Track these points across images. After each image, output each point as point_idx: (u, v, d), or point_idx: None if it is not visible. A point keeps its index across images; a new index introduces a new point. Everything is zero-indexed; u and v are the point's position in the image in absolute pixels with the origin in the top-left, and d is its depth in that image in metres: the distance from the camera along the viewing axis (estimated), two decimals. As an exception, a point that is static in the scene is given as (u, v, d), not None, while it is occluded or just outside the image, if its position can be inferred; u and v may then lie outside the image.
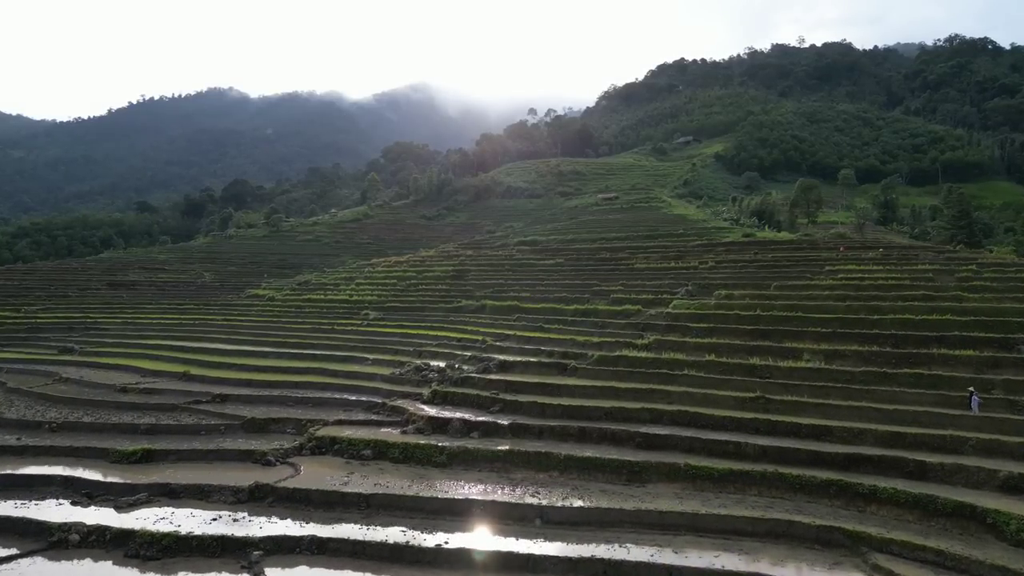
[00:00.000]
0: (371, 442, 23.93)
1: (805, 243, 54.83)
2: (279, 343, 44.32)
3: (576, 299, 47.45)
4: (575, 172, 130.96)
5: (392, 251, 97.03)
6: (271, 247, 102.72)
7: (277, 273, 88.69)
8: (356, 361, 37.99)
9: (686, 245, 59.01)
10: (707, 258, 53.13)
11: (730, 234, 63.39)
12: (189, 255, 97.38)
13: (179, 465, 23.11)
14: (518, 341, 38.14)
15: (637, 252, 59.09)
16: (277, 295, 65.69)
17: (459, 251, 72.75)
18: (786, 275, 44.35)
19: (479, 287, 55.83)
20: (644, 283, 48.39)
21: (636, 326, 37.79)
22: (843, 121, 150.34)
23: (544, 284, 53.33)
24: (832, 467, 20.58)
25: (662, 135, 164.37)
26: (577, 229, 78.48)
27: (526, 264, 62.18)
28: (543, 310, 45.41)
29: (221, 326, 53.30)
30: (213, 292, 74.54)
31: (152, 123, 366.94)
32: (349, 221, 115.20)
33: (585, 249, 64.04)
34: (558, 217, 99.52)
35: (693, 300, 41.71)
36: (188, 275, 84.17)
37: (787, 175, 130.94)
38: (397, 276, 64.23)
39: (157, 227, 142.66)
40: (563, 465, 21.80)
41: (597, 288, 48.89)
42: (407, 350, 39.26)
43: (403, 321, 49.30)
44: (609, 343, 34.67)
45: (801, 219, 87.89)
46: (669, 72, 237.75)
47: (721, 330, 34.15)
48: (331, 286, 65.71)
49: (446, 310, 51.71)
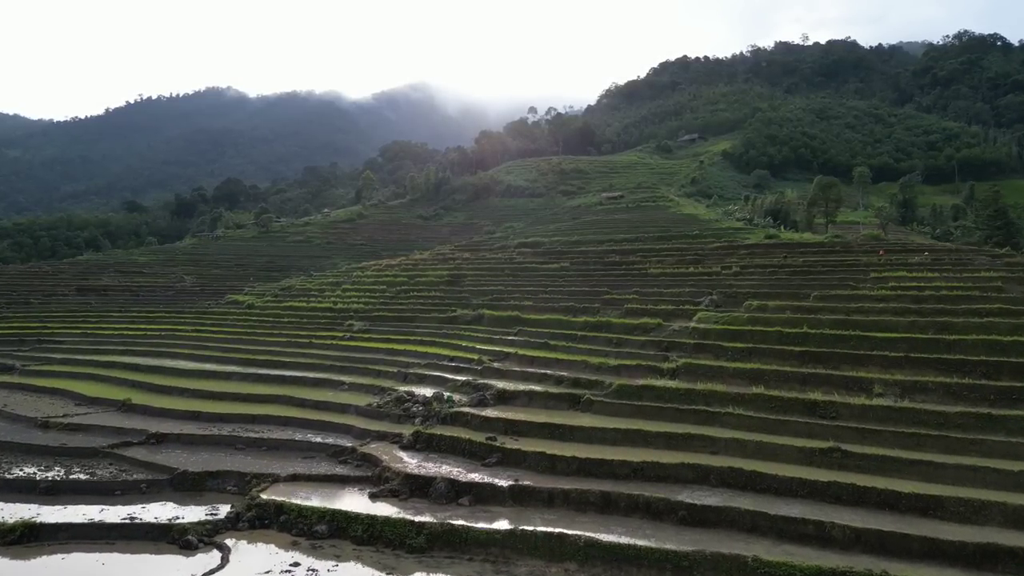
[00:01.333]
0: (328, 514, 17.94)
1: (838, 245, 48.79)
2: (247, 360, 38.43)
3: (585, 309, 41.52)
4: (577, 170, 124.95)
5: (387, 252, 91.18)
6: (260, 248, 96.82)
7: (264, 276, 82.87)
8: (330, 386, 32.09)
9: (704, 247, 53.01)
10: (729, 262, 47.15)
11: (750, 235, 57.41)
12: (172, 257, 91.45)
13: (69, 548, 17.16)
14: (520, 362, 32.23)
15: (650, 255, 53.10)
16: (257, 302, 59.77)
17: (455, 253, 66.78)
18: (825, 283, 38.35)
19: (476, 294, 49.93)
20: (661, 291, 42.44)
21: (658, 344, 31.82)
22: (854, 118, 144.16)
23: (548, 291, 47.40)
24: (958, 563, 14.68)
25: (666, 133, 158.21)
26: (582, 230, 72.50)
27: (528, 268, 56.22)
28: (548, 322, 39.48)
29: (189, 339, 47.35)
30: (191, 298, 68.65)
31: (149, 123, 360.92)
32: (342, 221, 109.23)
33: (592, 252, 58.00)
34: (560, 217, 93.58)
35: (721, 312, 35.76)
36: (168, 279, 78.27)
37: (797, 173, 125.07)
38: (387, 281, 58.26)
39: (146, 228, 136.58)
40: (583, 554, 15.85)
41: (608, 296, 42.94)
42: (391, 372, 33.35)
43: (390, 334, 43.39)
44: (629, 367, 28.65)
45: (819, 219, 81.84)
46: (672, 69, 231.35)
47: (762, 352, 28.14)
48: (316, 292, 59.76)
49: (439, 320, 45.81)
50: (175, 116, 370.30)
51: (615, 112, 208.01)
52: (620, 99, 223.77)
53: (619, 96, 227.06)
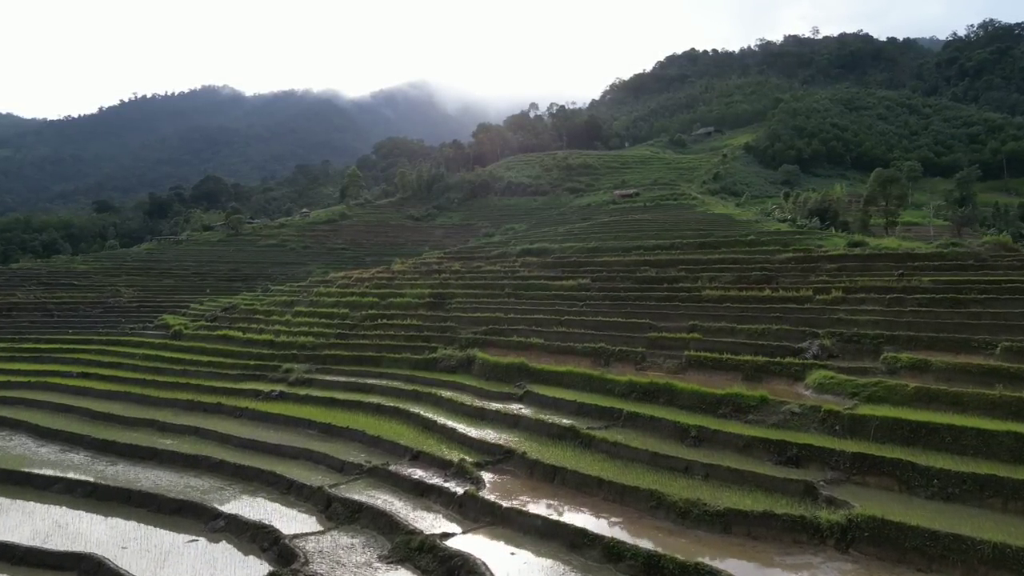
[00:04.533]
0: None
1: (968, 258, 34.38)
2: (103, 446, 24.23)
3: (623, 356, 27.43)
4: (585, 165, 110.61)
5: (371, 258, 77.31)
6: (225, 254, 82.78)
7: (224, 287, 69.01)
8: (193, 515, 17.73)
9: (770, 259, 38.64)
10: (818, 282, 32.93)
11: (823, 242, 43.14)
12: (120, 265, 77.32)
13: None
14: (530, 476, 18.00)
15: (696, 269, 38.73)
16: (187, 328, 45.63)
17: (443, 263, 52.43)
18: (1007, 322, 24.10)
19: (466, 323, 35.85)
20: (733, 327, 28.18)
21: (778, 450, 17.41)
22: (885, 108, 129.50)
23: (565, 322, 33.22)
24: None
25: (678, 126, 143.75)
26: (599, 234, 58.26)
27: (534, 285, 41.86)
28: (570, 379, 25.28)
29: (63, 389, 33.23)
30: (120, 317, 54.60)
31: (144, 121, 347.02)
32: (322, 223, 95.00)
33: (617, 263, 43.54)
34: (568, 218, 79.39)
35: (852, 375, 21.58)
36: (102, 292, 64.13)
37: (829, 168, 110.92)
38: (352, 302, 43.92)
39: (114, 229, 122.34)
40: None
41: (654, 335, 28.75)
42: (311, 484, 19.03)
43: (337, 390, 29.28)
44: (751, 518, 14.29)
45: (877, 219, 67.65)
46: (679, 62, 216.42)
47: (990, 487, 13.91)
48: (261, 315, 45.55)
49: (412, 364, 31.82)
50: (170, 114, 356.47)
51: (621, 106, 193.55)
52: (626, 93, 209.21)
53: (624, 90, 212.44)
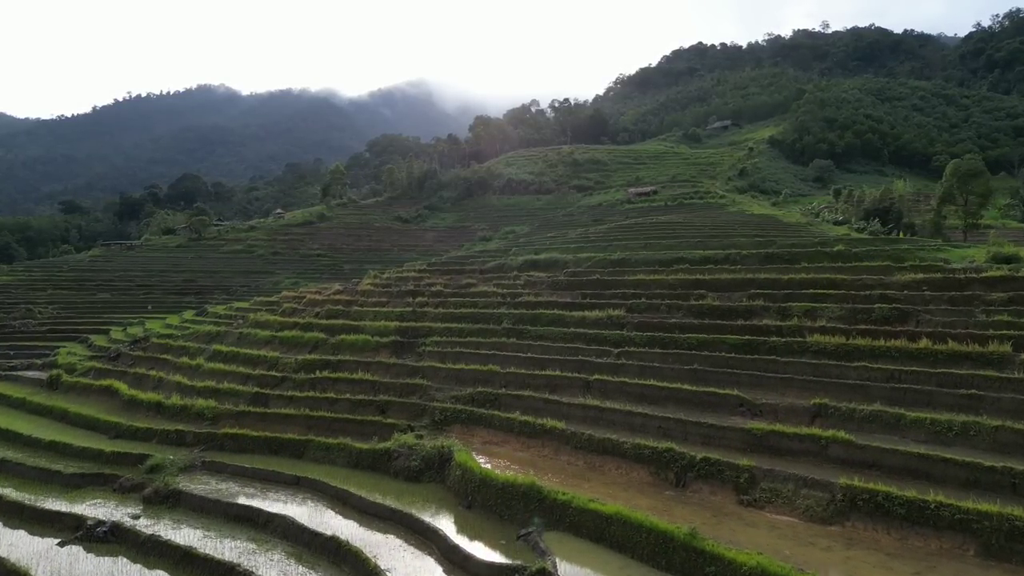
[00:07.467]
0: None
1: None
2: None
3: (708, 470, 14.78)
4: (593, 161, 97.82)
5: (350, 265, 65.06)
6: (182, 262, 70.17)
7: (172, 303, 57.08)
8: None
9: (886, 282, 25.84)
10: (986, 324, 20.32)
11: (946, 255, 30.40)
12: (50, 276, 64.67)
13: None
14: None
15: (778, 297, 26.00)
16: (74, 370, 32.96)
17: (422, 279, 39.36)
18: None
19: (443, 378, 23.30)
20: (899, 413, 15.52)
21: None
22: (920, 99, 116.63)
23: (596, 392, 20.57)
24: None
25: (691, 120, 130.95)
26: (623, 240, 45.47)
27: (544, 316, 28.84)
28: (626, 532, 12.60)
29: None
30: (8, 349, 42.06)
31: (138, 121, 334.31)
32: (297, 225, 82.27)
33: (656, 283, 30.50)
34: (577, 219, 66.85)
35: None
36: (13, 312, 51.61)
37: (865, 163, 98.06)
38: (289, 339, 31.06)
39: (77, 232, 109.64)
40: None
41: (755, 425, 16.07)
42: None
43: (208, 524, 16.58)
44: None
45: (954, 220, 54.89)
46: (686, 56, 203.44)
47: None
48: (171, 355, 32.81)
49: (350, 460, 19.35)
50: (164, 114, 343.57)
51: (627, 101, 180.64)
52: (631, 88, 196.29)
53: (630, 85, 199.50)
